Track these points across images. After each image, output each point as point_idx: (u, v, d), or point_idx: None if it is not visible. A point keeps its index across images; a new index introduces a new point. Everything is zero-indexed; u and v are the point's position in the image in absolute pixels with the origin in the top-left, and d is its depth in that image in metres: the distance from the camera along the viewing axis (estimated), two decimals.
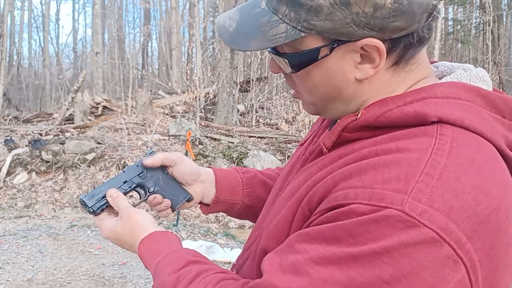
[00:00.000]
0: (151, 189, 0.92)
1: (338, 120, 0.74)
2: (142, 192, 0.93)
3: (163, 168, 0.94)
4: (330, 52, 0.64)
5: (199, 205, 1.00)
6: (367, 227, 0.55)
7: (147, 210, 0.97)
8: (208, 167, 1.01)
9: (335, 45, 0.63)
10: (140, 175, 0.92)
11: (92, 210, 0.87)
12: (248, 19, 0.68)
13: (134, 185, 0.91)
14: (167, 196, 0.93)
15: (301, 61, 0.66)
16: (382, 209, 0.54)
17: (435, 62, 0.78)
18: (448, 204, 0.55)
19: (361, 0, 0.59)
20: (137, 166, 0.93)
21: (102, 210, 0.88)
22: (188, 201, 0.94)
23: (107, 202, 0.88)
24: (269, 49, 0.69)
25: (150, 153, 0.95)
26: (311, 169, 0.72)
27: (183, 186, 0.95)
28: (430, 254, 0.53)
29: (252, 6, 0.69)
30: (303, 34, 0.63)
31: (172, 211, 0.95)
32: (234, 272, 0.86)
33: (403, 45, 0.63)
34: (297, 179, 0.75)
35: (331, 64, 0.65)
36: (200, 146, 7.88)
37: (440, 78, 0.73)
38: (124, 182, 0.91)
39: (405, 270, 0.53)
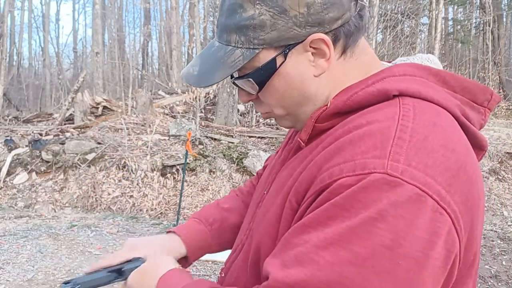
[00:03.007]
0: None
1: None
2: (119, 276, 0.90)
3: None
4: (285, 58, 0.70)
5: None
6: (356, 197, 0.58)
7: None
8: (169, 231, 1.00)
9: (287, 50, 0.70)
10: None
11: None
12: (207, 59, 0.75)
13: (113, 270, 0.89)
14: None
15: (263, 75, 0.72)
16: (367, 175, 0.58)
17: (391, 61, 0.85)
18: (422, 162, 0.59)
19: (295, 3, 0.67)
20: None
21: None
22: None
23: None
24: (233, 79, 0.75)
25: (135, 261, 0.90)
26: (293, 164, 0.76)
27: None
28: (418, 210, 0.56)
29: (208, 49, 0.77)
30: (257, 51, 0.70)
31: None
32: (223, 275, 0.87)
33: (343, 34, 0.70)
34: (281, 176, 0.78)
35: (289, 69, 0.71)
36: (200, 146, 7.88)
37: None
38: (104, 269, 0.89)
39: (402, 232, 0.56)
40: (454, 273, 0.61)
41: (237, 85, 0.77)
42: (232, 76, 0.76)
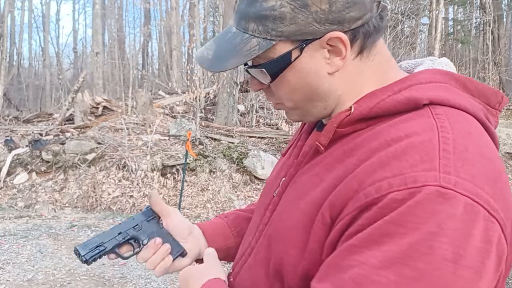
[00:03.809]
0: (145, 242, 0.91)
1: (323, 120, 0.80)
2: (136, 244, 0.93)
3: (158, 221, 0.95)
4: (301, 53, 0.69)
5: (195, 263, 0.98)
6: (412, 212, 0.57)
7: None
8: (193, 223, 1.01)
9: (304, 45, 0.69)
10: (135, 227, 0.93)
11: (84, 259, 0.89)
12: (223, 44, 0.74)
13: (128, 237, 0.92)
14: None
15: (277, 67, 0.71)
16: (420, 188, 0.57)
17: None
18: (469, 173, 0.59)
19: None
20: (133, 219, 0.94)
21: (95, 260, 0.90)
22: (182, 255, 0.93)
23: (100, 252, 0.89)
24: (246, 66, 0.74)
25: (147, 208, 0.96)
26: (316, 170, 0.73)
27: (177, 240, 0.94)
28: (473, 220, 0.57)
29: (224, 34, 0.76)
30: (273, 42, 0.69)
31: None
32: (232, 279, 0.86)
33: (362, 34, 0.69)
34: (300, 182, 0.75)
35: (303, 64, 0.70)
36: (200, 146, 7.88)
37: (408, 73, 0.78)
38: (119, 234, 0.92)
39: (462, 243, 0.56)
40: (501, 278, 0.62)
41: (249, 73, 0.76)
42: (245, 64, 0.75)
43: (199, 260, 0.97)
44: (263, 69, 0.72)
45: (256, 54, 0.70)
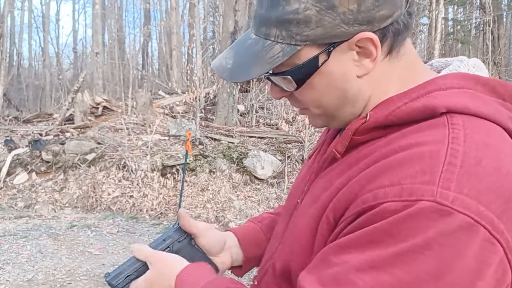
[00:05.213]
0: None
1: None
2: None
3: (190, 240, 0.91)
4: (328, 57, 0.66)
5: (230, 271, 0.97)
6: (403, 224, 0.55)
7: None
8: (226, 230, 0.98)
9: (331, 48, 0.65)
10: (166, 250, 0.89)
11: None
12: (243, 52, 0.70)
13: None
14: None
15: (304, 73, 0.67)
16: (414, 203, 0.55)
17: (426, 62, 0.80)
18: (475, 189, 0.56)
19: None
20: (164, 240, 0.90)
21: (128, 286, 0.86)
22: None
23: (131, 280, 0.85)
24: (268, 74, 0.70)
25: (174, 225, 0.92)
26: (329, 176, 0.72)
27: (210, 257, 0.92)
28: (469, 240, 0.54)
29: (243, 41, 0.72)
30: (298, 48, 0.65)
31: None
32: (256, 283, 0.84)
33: (392, 33, 0.66)
34: (316, 187, 0.74)
35: (331, 68, 0.67)
36: (200, 146, 7.88)
37: (438, 73, 0.74)
38: None
39: (449, 260, 0.54)
40: None
41: (271, 81, 0.72)
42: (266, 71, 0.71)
43: (232, 268, 0.97)
44: (288, 76, 0.68)
45: (280, 61, 0.66)
